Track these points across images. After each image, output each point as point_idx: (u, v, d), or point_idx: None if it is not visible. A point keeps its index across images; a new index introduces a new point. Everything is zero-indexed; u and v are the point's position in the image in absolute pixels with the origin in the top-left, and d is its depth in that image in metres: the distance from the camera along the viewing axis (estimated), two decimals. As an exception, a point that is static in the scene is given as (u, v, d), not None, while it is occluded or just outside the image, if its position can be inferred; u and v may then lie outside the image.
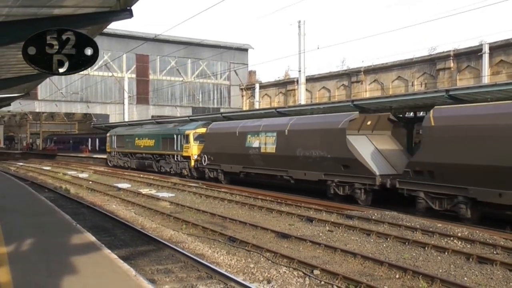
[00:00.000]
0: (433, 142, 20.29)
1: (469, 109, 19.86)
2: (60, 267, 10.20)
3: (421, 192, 20.77)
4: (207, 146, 37.07)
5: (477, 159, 18.18)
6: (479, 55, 44.43)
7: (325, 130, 25.70)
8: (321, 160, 25.83)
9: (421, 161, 20.83)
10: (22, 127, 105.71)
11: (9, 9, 8.85)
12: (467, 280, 12.37)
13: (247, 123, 33.84)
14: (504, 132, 17.37)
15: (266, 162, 30.40)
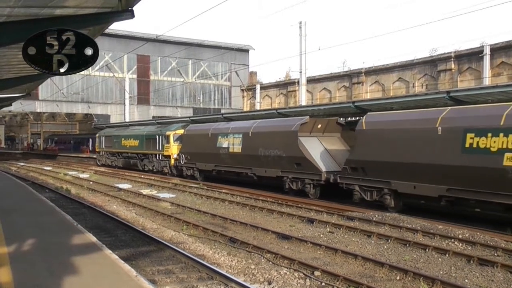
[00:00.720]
0: (364, 143, 23.74)
1: (393, 115, 23.61)
2: (61, 268, 10.21)
3: (356, 186, 24.03)
4: (185, 146, 40.53)
5: (396, 157, 21.72)
6: (480, 57, 44.45)
7: (281, 132, 29.06)
8: (279, 159, 29.11)
9: (355, 159, 24.28)
10: (23, 127, 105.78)
11: (10, 9, 8.86)
12: (468, 282, 12.36)
13: (219, 125, 37.45)
14: (413, 134, 21.07)
15: (234, 160, 33.72)
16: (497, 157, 17.76)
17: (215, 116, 44.95)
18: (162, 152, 44.27)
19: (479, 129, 18.49)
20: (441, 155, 19.80)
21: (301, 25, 48.79)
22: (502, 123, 17.86)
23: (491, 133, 18.06)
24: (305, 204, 24.72)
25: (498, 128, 17.88)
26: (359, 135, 24.04)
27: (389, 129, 22.36)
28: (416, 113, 22.46)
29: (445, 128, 19.79)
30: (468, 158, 18.78)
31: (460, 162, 19.03)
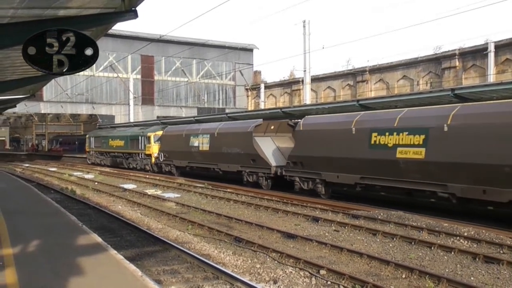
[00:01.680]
0: (301, 142, 28.33)
1: (323, 118, 28.25)
2: (66, 268, 10.22)
3: (296, 177, 28.45)
4: (163, 145, 45.47)
5: (324, 153, 26.10)
6: (484, 54, 44.36)
7: (240, 133, 33.59)
8: (238, 155, 33.61)
9: (295, 155, 28.55)
10: (28, 128, 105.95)
11: (14, 10, 8.86)
12: (474, 279, 12.34)
13: (192, 127, 42.28)
14: (336, 134, 25.51)
15: (203, 157, 38.51)
16: (392, 151, 22.24)
17: (220, 115, 44.96)
18: (144, 151, 48.92)
19: (380, 129, 23.04)
20: (355, 150, 24.22)
21: (305, 24, 48.79)
22: (396, 124, 22.40)
23: (388, 132, 22.59)
24: (310, 203, 24.71)
25: (392, 128, 22.42)
26: (297, 135, 28.94)
27: (319, 130, 26.97)
28: (338, 116, 27.24)
29: (358, 129, 24.23)
30: (373, 152, 23.25)
31: (368, 156, 23.53)
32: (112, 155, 57.74)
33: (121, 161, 55.18)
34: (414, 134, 21.33)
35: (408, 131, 21.61)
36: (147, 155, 48.32)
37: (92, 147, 63.28)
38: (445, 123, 20.12)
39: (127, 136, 53.34)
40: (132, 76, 71.80)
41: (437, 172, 20.44)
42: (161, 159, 45.24)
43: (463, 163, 19.37)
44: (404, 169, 21.83)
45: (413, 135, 21.37)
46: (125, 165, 53.79)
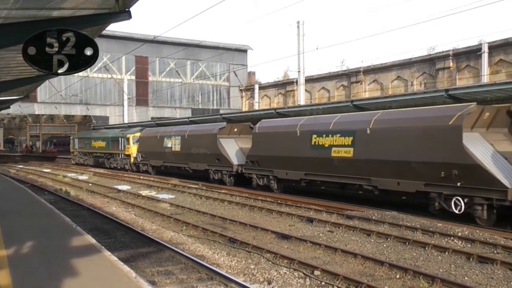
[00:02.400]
0: (257, 143, 31.46)
1: (274, 122, 31.74)
2: (60, 270, 10.20)
3: (254, 174, 31.60)
4: (141, 146, 48.70)
5: (276, 153, 29.38)
6: (478, 55, 44.49)
7: (206, 135, 36.94)
8: (205, 155, 36.86)
9: (252, 154, 31.85)
10: (22, 129, 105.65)
11: (8, 11, 8.85)
12: (468, 279, 12.37)
13: (166, 129, 45.63)
14: (284, 136, 28.94)
15: (175, 157, 41.90)
16: (328, 151, 25.58)
17: (214, 116, 44.97)
18: (124, 151, 52.25)
19: (319, 132, 26.38)
20: (299, 150, 27.51)
21: (299, 25, 48.89)
22: (331, 127, 25.77)
23: (325, 134, 25.93)
24: (304, 203, 24.75)
25: (328, 131, 25.79)
26: (254, 137, 31.91)
27: (271, 132, 30.27)
28: (287, 120, 31.26)
29: (301, 131, 27.65)
30: (314, 152, 26.54)
31: (310, 155, 26.83)
32: (94, 155, 60.86)
33: (103, 161, 58.24)
34: (344, 136, 24.71)
35: (340, 133, 24.99)
36: (127, 155, 51.54)
37: (76, 147, 66.73)
38: (368, 126, 23.46)
39: (108, 138, 56.54)
40: (126, 77, 71.77)
41: (363, 168, 23.71)
42: (139, 159, 48.67)
43: (382, 160, 22.74)
44: (337, 166, 25.20)
45: (344, 137, 24.76)
46: (107, 164, 56.75)
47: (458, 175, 19.18)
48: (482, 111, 20.52)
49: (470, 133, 20.21)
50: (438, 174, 19.94)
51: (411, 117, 22.11)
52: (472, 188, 18.90)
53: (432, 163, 20.22)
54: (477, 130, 20.65)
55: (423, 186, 20.79)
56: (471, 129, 20.45)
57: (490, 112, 20.74)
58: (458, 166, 19.18)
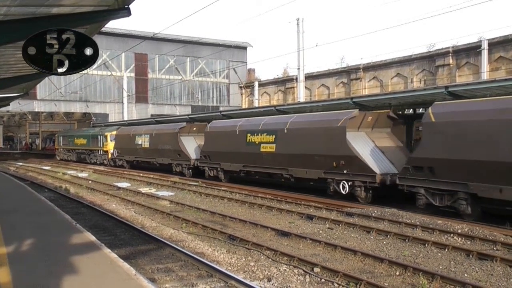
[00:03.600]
0: (208, 140, 36.63)
1: (222, 122, 36.69)
2: (60, 267, 10.20)
3: (206, 167, 36.85)
4: (117, 143, 53.96)
5: (223, 149, 34.43)
6: (478, 52, 44.43)
7: (169, 133, 42.36)
8: (169, 151, 42.22)
9: (204, 150, 37.07)
10: (21, 127, 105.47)
11: (7, 8, 8.83)
12: (468, 276, 12.37)
13: (137, 128, 50.90)
14: (228, 134, 34.25)
15: (145, 153, 47.31)
16: (258, 147, 30.83)
17: (214, 113, 44.99)
18: (102, 148, 57.74)
19: (252, 131, 31.63)
20: (238, 146, 32.69)
21: (298, 22, 48.81)
22: (260, 128, 31.01)
23: (256, 133, 31.10)
24: (304, 200, 24.75)
25: (258, 130, 31.05)
26: (206, 135, 37.05)
27: (218, 131, 35.54)
28: (230, 121, 36.39)
29: (240, 131, 32.76)
30: (248, 147, 31.72)
31: (246, 150, 32.07)
32: (77, 151, 65.98)
33: (84, 157, 63.42)
34: (269, 134, 29.94)
35: (266, 133, 30.22)
36: (105, 152, 57.07)
37: (61, 145, 72.09)
38: (285, 127, 28.71)
39: (89, 135, 61.91)
40: (126, 74, 71.71)
41: (282, 161, 29.01)
42: (115, 155, 54.06)
43: (295, 154, 27.95)
44: (265, 159, 30.50)
45: (269, 135, 29.97)
46: (88, 160, 62.03)
47: (344, 165, 24.53)
48: (365, 115, 25.69)
49: (356, 132, 25.53)
50: (331, 164, 25.24)
51: (314, 120, 27.51)
52: (354, 174, 24.18)
53: (328, 156, 25.45)
54: (363, 130, 25.94)
55: (323, 174, 26.04)
56: (358, 129, 25.73)
57: (372, 116, 25.84)
58: (343, 158, 24.58)
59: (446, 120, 19.98)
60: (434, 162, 20.28)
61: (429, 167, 20.61)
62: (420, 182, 20.91)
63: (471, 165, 18.79)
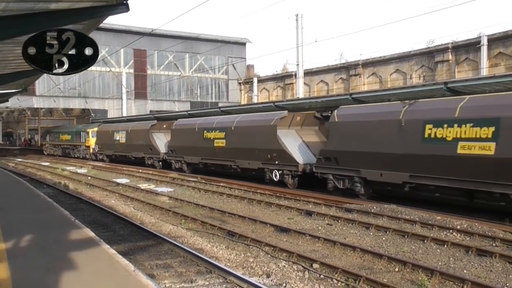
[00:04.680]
0: (174, 136, 42.11)
1: (184, 121, 41.48)
2: (59, 263, 10.19)
3: (172, 160, 41.98)
4: (98, 139, 59.38)
5: (184, 143, 39.68)
6: (477, 47, 44.42)
7: (141, 130, 47.38)
8: (142, 146, 47.28)
9: (171, 145, 42.46)
10: (20, 123, 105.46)
11: (5, 4, 8.80)
12: (467, 272, 12.37)
13: (115, 125, 56.17)
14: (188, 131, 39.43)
15: (122, 148, 52.34)
16: (212, 142, 35.48)
17: (213, 109, 44.98)
18: (85, 143, 63.65)
19: (208, 128, 36.43)
20: (197, 141, 37.30)
21: (297, 18, 48.68)
22: (214, 126, 35.81)
23: (211, 130, 36.03)
24: (303, 196, 24.75)
25: (212, 128, 35.88)
26: (172, 132, 42.48)
27: (181, 129, 40.73)
28: (191, 119, 41.26)
29: (198, 128, 37.51)
30: (205, 142, 36.35)
31: (203, 145, 36.66)
32: (62, 147, 72.00)
33: (68, 151, 69.40)
34: (221, 131, 34.77)
35: (219, 130, 35.00)
36: (87, 147, 62.96)
37: (47, 140, 79.10)
38: (233, 125, 33.50)
39: (73, 132, 68.26)
40: (125, 70, 71.64)
41: (231, 154, 33.70)
42: (96, 149, 59.35)
43: (240, 148, 32.58)
44: (218, 152, 35.19)
45: (220, 132, 34.79)
46: (72, 154, 67.87)
47: (276, 156, 29.38)
48: (293, 116, 30.87)
49: (287, 130, 30.60)
50: (267, 156, 29.97)
51: (254, 119, 32.36)
52: (283, 164, 29.12)
53: (264, 149, 30.04)
54: (294, 128, 31.03)
55: (261, 165, 30.84)
56: (289, 127, 30.81)
57: (301, 116, 30.97)
58: (275, 151, 29.35)
59: (345, 120, 25.11)
60: (337, 153, 25.30)
61: (334, 158, 25.53)
62: (329, 169, 25.89)
63: (361, 156, 23.65)
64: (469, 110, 19.40)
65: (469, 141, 18.96)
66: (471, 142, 18.91)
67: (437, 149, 20.10)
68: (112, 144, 54.15)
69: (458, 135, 19.38)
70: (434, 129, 20.30)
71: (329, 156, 25.79)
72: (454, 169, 19.55)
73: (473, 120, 18.95)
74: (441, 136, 19.97)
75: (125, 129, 51.09)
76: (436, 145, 20.15)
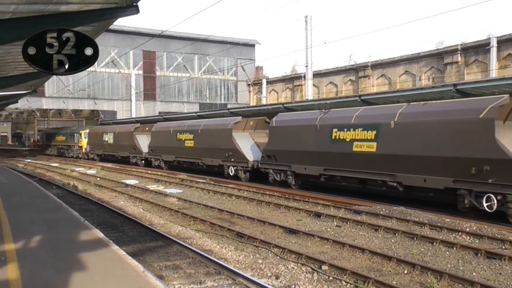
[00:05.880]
0: (153, 137, 47.12)
1: (163, 124, 47.76)
2: (68, 264, 10.23)
3: (152, 158, 47.30)
4: (89, 140, 63.92)
5: (162, 143, 45.08)
6: (487, 49, 44.34)
7: (126, 132, 52.25)
8: (127, 146, 51.91)
9: (151, 145, 47.21)
10: (30, 124, 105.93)
11: (16, 6, 8.86)
12: (476, 275, 12.33)
13: (104, 127, 61.90)
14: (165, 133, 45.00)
15: (110, 148, 57.07)
16: (184, 142, 40.74)
17: (221, 111, 45.07)
18: (77, 144, 67.64)
19: (179, 131, 41.73)
20: (172, 142, 42.54)
21: (306, 19, 48.77)
22: (185, 128, 41.15)
23: (182, 132, 41.26)
24: (312, 198, 24.73)
25: (183, 130, 41.14)
26: (151, 134, 47.37)
27: (159, 131, 45.92)
28: (168, 123, 46.63)
29: (173, 131, 42.80)
30: (178, 143, 41.54)
31: (176, 145, 41.77)
32: (57, 147, 76.29)
33: (63, 151, 73.34)
34: (190, 133, 40.05)
35: (188, 132, 40.32)
36: (80, 147, 67.12)
37: (44, 141, 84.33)
38: (199, 128, 38.98)
39: (67, 133, 72.58)
40: (134, 71, 71.91)
41: (198, 153, 39.01)
42: (88, 149, 63.93)
43: (205, 148, 37.66)
44: (188, 151, 40.54)
45: (190, 134, 40.11)
46: (66, 154, 71.70)
47: (231, 155, 34.43)
48: (247, 121, 35.54)
49: (242, 132, 34.87)
50: (225, 154, 35.04)
51: (215, 123, 37.76)
52: (237, 161, 34.03)
53: (223, 149, 34.98)
54: (247, 131, 35.28)
55: (221, 162, 35.77)
56: (243, 130, 35.02)
57: (253, 121, 35.67)
58: (231, 150, 34.24)
59: (280, 125, 30.35)
60: (275, 152, 30.28)
61: (273, 155, 30.46)
62: (269, 165, 30.91)
63: (292, 154, 28.58)
64: (361, 118, 24.72)
65: (360, 141, 24.31)
66: (361, 142, 24.25)
67: (340, 148, 25.44)
68: (101, 144, 59.27)
69: (353, 137, 24.75)
70: (338, 132, 25.69)
71: (269, 154, 30.92)
72: (352, 163, 24.84)
73: (363, 126, 24.20)
74: (343, 137, 25.40)
75: (113, 131, 56.37)
76: (340, 145, 25.50)
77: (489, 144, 18.49)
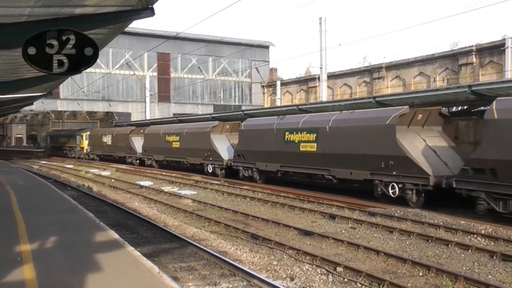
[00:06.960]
0: (146, 139, 52.01)
1: (154, 127, 53.01)
2: (83, 265, 10.26)
3: (145, 158, 52.47)
4: (90, 141, 68.05)
5: (155, 145, 50.25)
6: (502, 50, 44.03)
7: (123, 134, 56.95)
8: (124, 147, 56.71)
9: (144, 146, 52.16)
10: (45, 125, 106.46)
11: (31, 9, 8.91)
12: (492, 278, 12.27)
13: (104, 130, 67.38)
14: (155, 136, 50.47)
15: (109, 149, 61.16)
16: (171, 144, 45.44)
17: (236, 113, 45.18)
18: (79, 145, 71.68)
19: (168, 133, 46.37)
20: (162, 143, 47.39)
21: (321, 21, 48.59)
22: (172, 131, 46.01)
23: (170, 135, 45.99)
24: (326, 199, 24.70)
25: (171, 133, 45.83)
26: (145, 136, 52.30)
27: (150, 133, 51.36)
28: (158, 126, 51.62)
29: (162, 133, 47.64)
30: (166, 144, 46.36)
31: (165, 146, 46.67)
32: (61, 148, 79.77)
33: (66, 152, 77.14)
34: (176, 136, 44.92)
35: (175, 135, 45.22)
36: (81, 148, 70.99)
37: (49, 143, 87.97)
38: (184, 131, 43.74)
39: (69, 135, 77.26)
40: (148, 73, 72.11)
41: (183, 153, 43.72)
42: (89, 150, 68.04)
43: (188, 148, 42.32)
44: (175, 152, 45.27)
45: (176, 136, 44.95)
46: (69, 155, 75.62)
47: (209, 155, 39.04)
48: (223, 125, 39.67)
49: (219, 135, 39.14)
50: (205, 155, 39.72)
51: (196, 127, 42.58)
52: (215, 160, 38.72)
53: (203, 149, 39.58)
54: (224, 134, 39.38)
55: (202, 160, 40.31)
56: (220, 133, 39.30)
57: (230, 125, 39.66)
58: (209, 151, 38.72)
59: (247, 129, 35.03)
60: (244, 152, 34.85)
61: (242, 155, 34.89)
62: (239, 163, 35.38)
63: (256, 153, 33.05)
64: (306, 123, 29.19)
65: (305, 142, 28.77)
66: (306, 143, 28.72)
67: (291, 148, 29.89)
68: (101, 145, 63.88)
69: (300, 139, 29.16)
70: (290, 135, 30.11)
71: (239, 154, 35.40)
72: (300, 160, 29.38)
73: (307, 129, 28.76)
74: (293, 139, 29.79)
75: (111, 133, 60.91)
76: (290, 145, 29.94)
77: (392, 145, 23.13)
